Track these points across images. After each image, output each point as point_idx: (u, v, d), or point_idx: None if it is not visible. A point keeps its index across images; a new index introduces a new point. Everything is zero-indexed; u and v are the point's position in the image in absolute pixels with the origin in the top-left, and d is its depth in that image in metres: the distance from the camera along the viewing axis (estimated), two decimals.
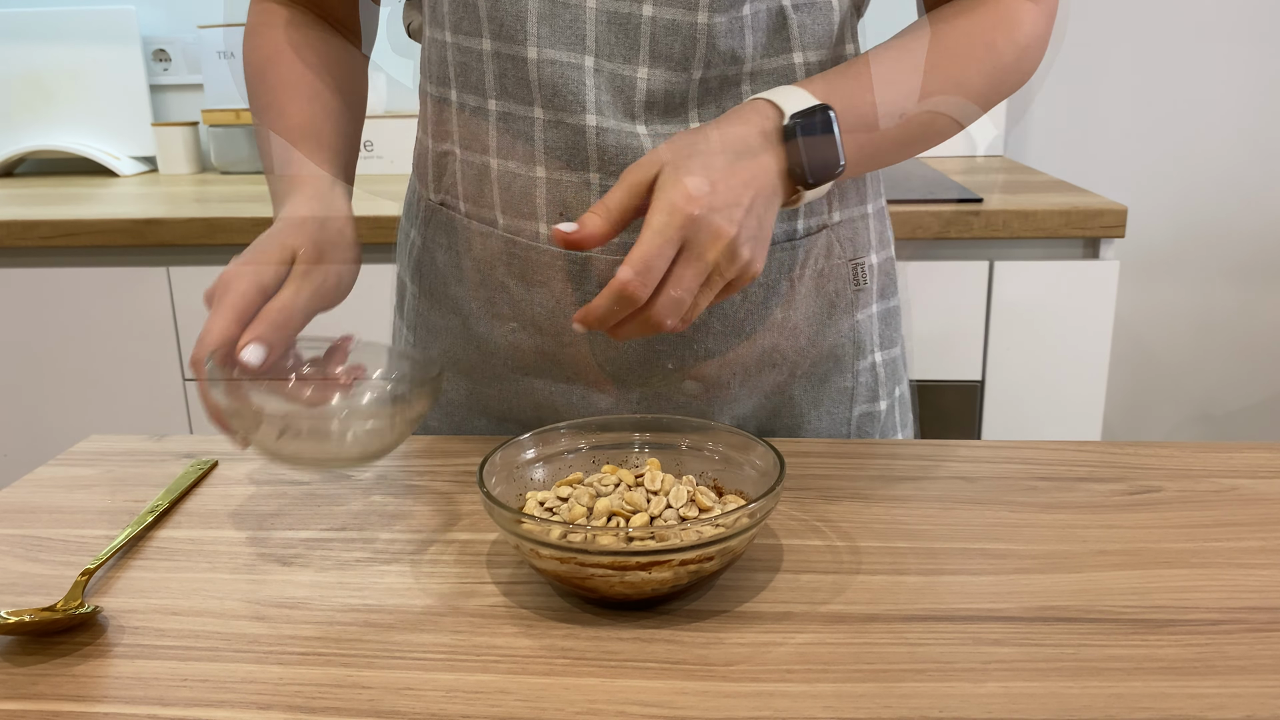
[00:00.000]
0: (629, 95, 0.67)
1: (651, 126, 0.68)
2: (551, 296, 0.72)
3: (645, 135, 0.68)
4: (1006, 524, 0.63)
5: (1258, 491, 0.67)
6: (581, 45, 0.66)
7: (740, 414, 0.77)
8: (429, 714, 0.46)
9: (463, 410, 0.80)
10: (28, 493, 0.70)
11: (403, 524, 0.64)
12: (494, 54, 0.68)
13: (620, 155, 0.68)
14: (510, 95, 0.69)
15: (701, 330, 0.73)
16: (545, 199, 0.70)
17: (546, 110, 0.68)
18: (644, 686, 0.48)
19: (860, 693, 0.47)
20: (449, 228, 0.76)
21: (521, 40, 0.67)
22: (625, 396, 0.76)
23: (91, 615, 0.53)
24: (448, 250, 0.76)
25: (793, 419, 0.79)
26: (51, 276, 1.58)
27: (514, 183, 0.70)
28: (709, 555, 0.52)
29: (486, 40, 0.68)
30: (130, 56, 2.01)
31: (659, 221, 0.56)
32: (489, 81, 0.69)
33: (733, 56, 0.68)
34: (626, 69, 0.67)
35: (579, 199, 0.69)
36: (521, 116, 0.69)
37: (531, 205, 0.70)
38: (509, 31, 0.67)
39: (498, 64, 0.68)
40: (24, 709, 0.47)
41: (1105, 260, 1.51)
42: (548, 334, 0.74)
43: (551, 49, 0.66)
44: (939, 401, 1.58)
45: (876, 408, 0.82)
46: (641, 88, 0.67)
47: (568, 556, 0.51)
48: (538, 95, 0.67)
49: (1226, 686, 0.47)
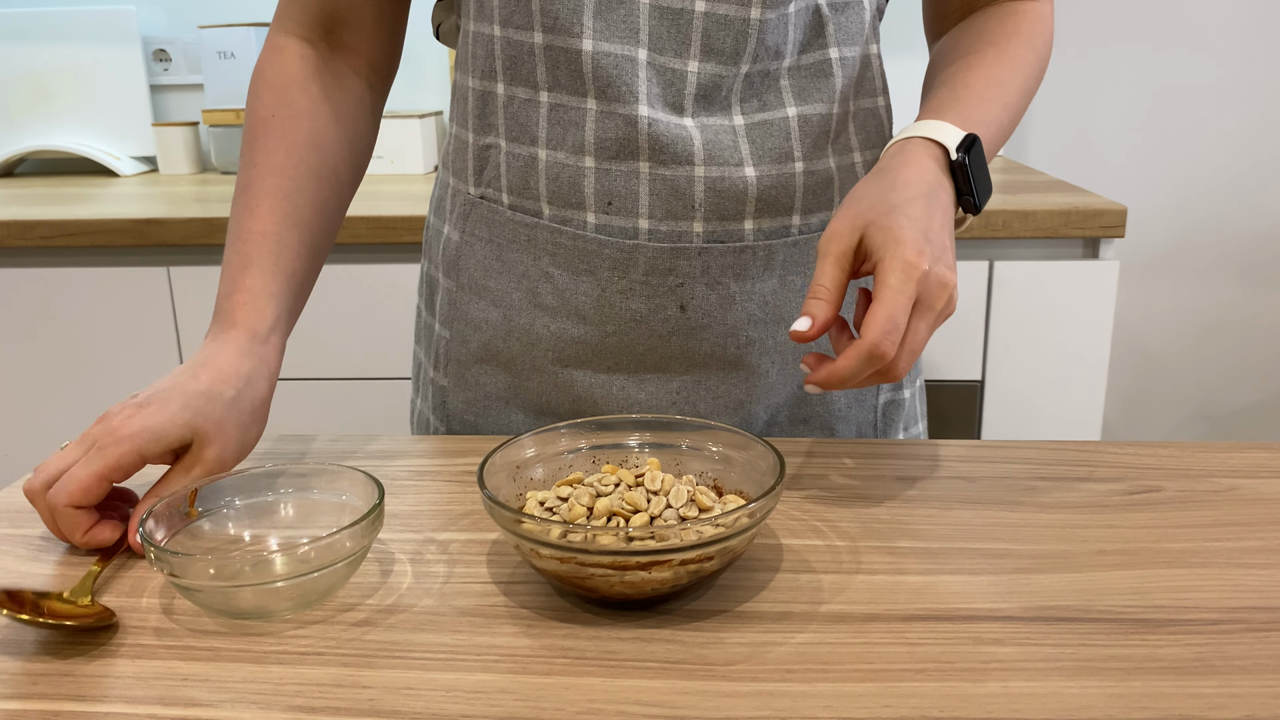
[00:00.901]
0: (679, 88, 0.69)
1: (698, 119, 0.70)
2: (597, 285, 0.74)
3: (692, 126, 0.70)
4: (1006, 524, 0.63)
5: (1258, 491, 0.67)
6: (635, 38, 0.68)
7: (775, 402, 0.79)
8: (429, 714, 0.46)
9: (499, 404, 0.80)
10: None
11: (403, 524, 0.64)
12: (545, 47, 0.69)
13: (671, 145, 0.70)
14: (563, 87, 0.70)
15: (744, 319, 0.75)
16: (593, 189, 0.71)
17: (599, 101, 0.69)
18: (644, 686, 0.48)
19: (860, 693, 0.47)
20: (490, 221, 0.77)
21: (576, 33, 0.68)
22: (665, 387, 0.77)
23: (110, 620, 0.53)
24: (488, 243, 0.77)
25: (824, 406, 0.81)
26: (51, 276, 1.58)
27: (562, 173, 0.72)
28: (709, 555, 0.52)
29: (538, 34, 0.69)
30: (130, 56, 2.01)
31: (897, 281, 0.58)
32: (541, 74, 0.71)
33: (776, 51, 0.70)
34: (677, 62, 0.69)
35: (628, 188, 0.71)
36: (574, 108, 0.70)
37: (579, 195, 0.72)
38: (563, 25, 0.68)
39: (549, 56, 0.70)
40: (24, 709, 0.47)
41: (1105, 260, 1.51)
42: (592, 323, 0.75)
43: (605, 42, 0.68)
44: (939, 401, 1.58)
45: (901, 395, 0.85)
46: (691, 80, 0.69)
47: (568, 556, 0.51)
48: (591, 87, 0.69)
49: (1226, 686, 0.47)
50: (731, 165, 0.70)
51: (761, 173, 0.71)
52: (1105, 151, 2.00)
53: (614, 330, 0.75)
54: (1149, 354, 2.08)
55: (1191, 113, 1.97)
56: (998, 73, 0.72)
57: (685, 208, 0.71)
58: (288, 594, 0.53)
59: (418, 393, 0.88)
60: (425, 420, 0.86)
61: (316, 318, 1.57)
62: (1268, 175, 1.99)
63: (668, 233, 0.72)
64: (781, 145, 0.72)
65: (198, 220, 1.52)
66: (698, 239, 0.72)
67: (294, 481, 0.61)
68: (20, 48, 2.01)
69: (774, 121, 0.72)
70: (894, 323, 0.57)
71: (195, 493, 0.59)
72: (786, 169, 0.72)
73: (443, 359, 0.82)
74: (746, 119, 0.71)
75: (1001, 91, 0.72)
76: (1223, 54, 1.94)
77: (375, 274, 1.56)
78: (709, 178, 0.70)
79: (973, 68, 0.73)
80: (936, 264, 0.59)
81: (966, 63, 0.73)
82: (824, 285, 0.60)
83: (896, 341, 0.57)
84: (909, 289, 0.58)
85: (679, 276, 0.73)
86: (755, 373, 0.77)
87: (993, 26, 0.76)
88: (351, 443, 0.78)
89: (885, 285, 0.58)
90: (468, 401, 0.81)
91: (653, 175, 0.70)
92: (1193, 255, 2.03)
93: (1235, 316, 2.06)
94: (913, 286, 0.58)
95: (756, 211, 0.72)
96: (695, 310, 0.74)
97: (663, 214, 0.71)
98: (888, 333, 0.57)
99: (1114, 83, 1.96)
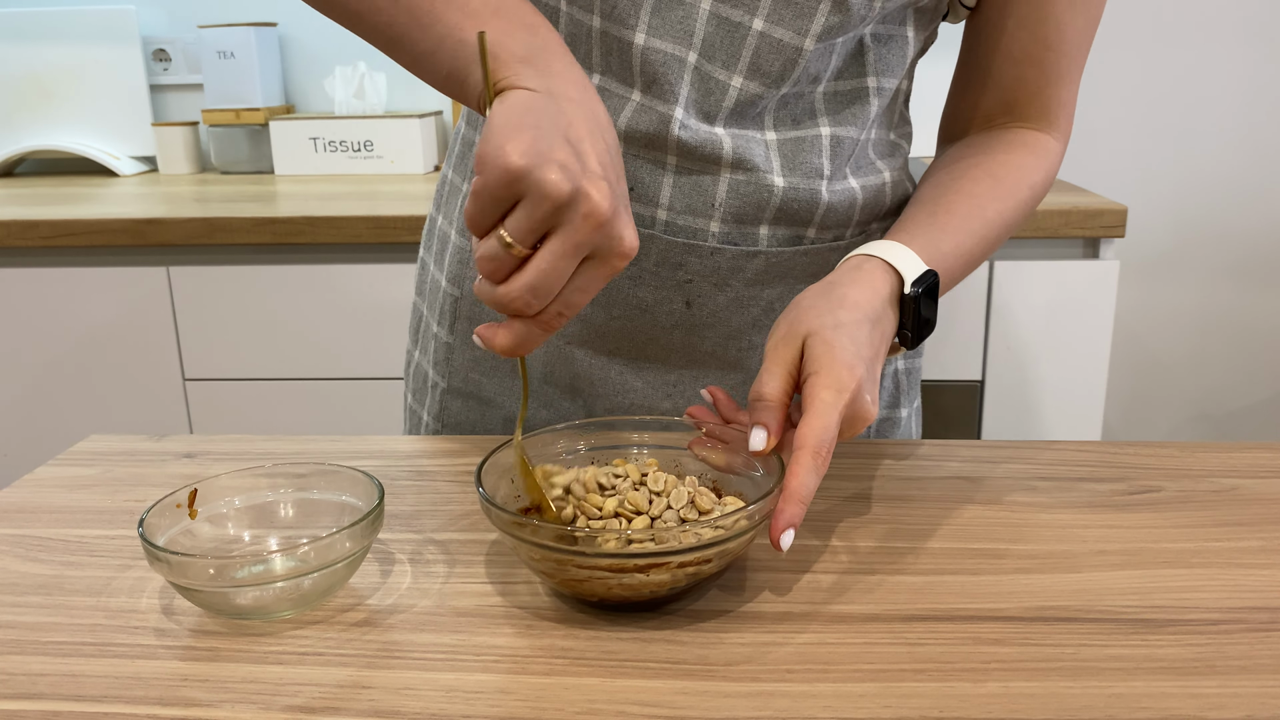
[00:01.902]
0: (717, 98, 0.69)
1: (730, 129, 0.70)
2: None
3: (724, 135, 0.70)
4: (1006, 524, 0.63)
5: (1258, 491, 0.67)
6: (689, 41, 0.68)
7: None
8: (429, 714, 0.46)
9: (507, 365, 0.80)
10: (28, 493, 0.70)
11: (403, 524, 0.64)
12: (602, 32, 0.69)
13: (700, 149, 0.69)
14: (614, 74, 0.70)
15: (748, 322, 0.75)
16: None
17: (644, 95, 0.69)
18: (644, 686, 0.48)
19: (860, 693, 0.47)
20: None
21: (631, 25, 0.68)
22: (663, 378, 0.77)
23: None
24: None
25: None
26: (51, 276, 1.58)
27: None
28: (707, 558, 0.52)
29: (597, 18, 0.69)
30: (130, 56, 2.01)
31: (830, 397, 0.57)
32: (596, 56, 0.70)
33: (814, 77, 0.70)
34: (723, 73, 0.68)
35: (652, 177, 0.71)
36: (619, 95, 0.70)
37: None
38: (620, 14, 0.68)
39: (604, 42, 0.69)
40: (24, 709, 0.47)
41: (1105, 260, 1.51)
42: (598, 304, 0.75)
43: (658, 39, 0.68)
44: (939, 401, 1.58)
45: (897, 414, 0.85)
46: (732, 95, 0.69)
47: (565, 560, 0.51)
48: (638, 80, 0.69)
49: (1226, 686, 0.47)
50: (761, 171, 0.70)
51: (789, 184, 0.71)
52: (1105, 151, 1.99)
53: (619, 315, 0.75)
54: (1149, 354, 2.08)
55: (1191, 113, 1.97)
56: (984, 204, 0.71)
57: (705, 205, 0.71)
58: (288, 594, 0.53)
59: (416, 345, 0.88)
60: (423, 373, 0.86)
61: (316, 318, 1.57)
62: (1267, 175, 1.99)
63: (684, 227, 0.72)
64: (813, 161, 0.71)
65: (197, 220, 1.52)
66: (713, 238, 0.72)
67: (294, 481, 0.61)
68: (20, 48, 2.01)
69: (807, 139, 0.71)
70: (829, 433, 0.56)
71: (195, 493, 0.59)
72: (814, 184, 0.72)
73: (448, 315, 0.82)
74: (779, 134, 0.71)
75: (981, 224, 0.71)
76: (1223, 54, 1.94)
77: (375, 274, 1.56)
78: (734, 180, 0.70)
79: (961, 192, 0.72)
80: (864, 393, 0.58)
81: (958, 186, 0.72)
82: (771, 393, 0.59)
83: (830, 451, 0.56)
84: (840, 407, 0.57)
85: (688, 273, 0.73)
86: (754, 376, 0.77)
87: (998, 152, 0.75)
88: (351, 443, 0.78)
89: (819, 400, 0.57)
90: (473, 360, 0.81)
91: (679, 168, 0.71)
92: (1193, 255, 2.03)
93: (1235, 316, 2.06)
94: (843, 408, 0.57)
95: (774, 219, 0.72)
96: (700, 308, 0.74)
97: (682, 207, 0.71)
98: (824, 442, 0.56)
99: (1114, 83, 1.96)
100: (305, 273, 1.55)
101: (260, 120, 1.94)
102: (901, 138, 0.79)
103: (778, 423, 0.58)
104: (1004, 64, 0.76)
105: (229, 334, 1.59)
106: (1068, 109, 0.77)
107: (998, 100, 0.77)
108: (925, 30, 0.74)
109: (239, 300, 1.57)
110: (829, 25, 0.66)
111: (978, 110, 0.78)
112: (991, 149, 0.76)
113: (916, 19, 0.72)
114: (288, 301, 1.57)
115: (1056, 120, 0.77)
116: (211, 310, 1.58)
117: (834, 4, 0.66)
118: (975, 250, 0.71)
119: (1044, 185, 0.76)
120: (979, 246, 0.71)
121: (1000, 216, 0.72)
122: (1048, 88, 0.75)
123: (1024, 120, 0.77)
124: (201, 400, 1.62)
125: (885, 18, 0.70)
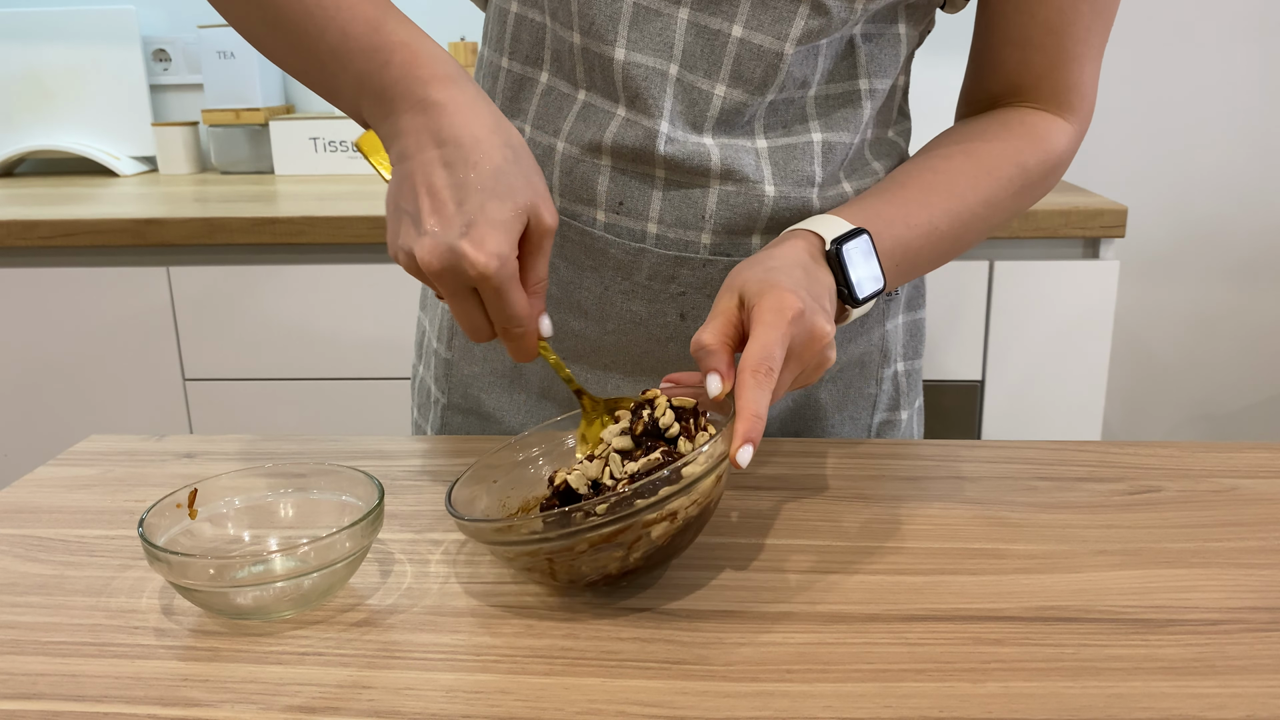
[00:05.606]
0: (702, 108, 0.69)
1: (718, 139, 0.70)
2: (600, 283, 0.73)
3: (712, 145, 0.69)
4: (1006, 524, 0.63)
5: (1258, 491, 0.67)
6: (668, 53, 0.68)
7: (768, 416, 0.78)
8: (429, 714, 0.46)
9: (505, 381, 0.80)
10: (28, 493, 0.70)
11: (403, 524, 0.64)
12: (583, 49, 0.69)
13: (687, 161, 0.69)
14: (598, 89, 0.70)
15: None
16: (606, 187, 0.71)
17: (628, 110, 0.69)
18: (644, 686, 0.48)
19: (860, 693, 0.47)
20: None
21: (610, 40, 0.68)
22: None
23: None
24: None
25: (817, 421, 0.81)
26: (51, 276, 1.58)
27: (576, 168, 0.72)
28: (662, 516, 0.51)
29: (577, 34, 0.69)
30: (130, 56, 2.01)
31: (771, 318, 0.56)
32: (579, 73, 0.70)
33: (803, 81, 0.69)
34: (705, 83, 0.68)
35: (641, 193, 0.71)
36: (604, 111, 0.70)
37: (592, 191, 0.72)
38: (599, 30, 0.68)
39: (586, 59, 0.69)
40: (24, 709, 0.47)
41: (1105, 260, 1.52)
42: (592, 319, 0.75)
43: (639, 53, 0.68)
44: (939, 401, 1.58)
45: (897, 416, 0.84)
46: (716, 104, 0.69)
47: (556, 547, 0.51)
48: (621, 95, 0.69)
49: (1226, 686, 0.47)
50: (751, 182, 0.70)
51: (780, 192, 0.71)
52: (1105, 151, 1.99)
53: (613, 329, 0.75)
54: (1149, 354, 2.08)
55: (1191, 113, 1.97)
56: (953, 179, 0.70)
57: (695, 218, 0.71)
58: (288, 594, 0.53)
59: (420, 359, 0.88)
60: (426, 387, 0.86)
61: (316, 318, 1.57)
62: (1267, 175, 1.99)
63: (675, 240, 0.71)
64: (804, 169, 0.71)
65: (197, 220, 1.52)
66: (704, 250, 0.72)
67: (294, 481, 0.61)
68: (20, 48, 2.01)
69: (798, 145, 0.71)
70: (768, 349, 0.55)
71: (195, 493, 0.59)
72: (806, 192, 0.71)
73: (446, 331, 0.82)
74: (770, 142, 0.71)
75: (947, 197, 0.69)
76: (1222, 54, 1.94)
77: (375, 274, 1.56)
78: (725, 191, 0.70)
79: (928, 169, 0.70)
80: (814, 313, 0.57)
81: (928, 164, 0.71)
82: (711, 338, 0.57)
83: (775, 368, 0.55)
84: (782, 326, 0.56)
85: (681, 285, 0.73)
86: None
87: (985, 132, 0.73)
88: (351, 443, 0.78)
89: (758, 323, 0.56)
90: (473, 376, 0.81)
91: (667, 179, 0.70)
92: (1193, 255, 2.03)
93: (1235, 316, 2.06)
94: (786, 325, 0.56)
95: (767, 229, 0.72)
96: (695, 320, 0.74)
97: (672, 220, 0.71)
98: (763, 360, 0.54)
99: (1114, 83, 1.96)
100: (305, 273, 1.55)
101: (260, 120, 1.94)
102: (899, 135, 0.78)
103: (726, 365, 0.57)
104: (1007, 47, 0.74)
105: (229, 334, 1.59)
106: (1080, 90, 0.75)
107: (1005, 83, 0.76)
108: (919, 25, 0.73)
109: (239, 300, 1.57)
110: (808, 29, 0.66)
111: (987, 93, 0.77)
112: (980, 130, 0.74)
113: (909, 14, 0.72)
114: (288, 301, 1.57)
115: (1069, 102, 0.75)
116: (211, 310, 1.58)
117: (812, 8, 0.65)
118: (940, 224, 0.69)
119: (1041, 166, 0.73)
120: (945, 220, 0.69)
121: (975, 193, 0.70)
122: (1054, 70, 0.74)
123: (1034, 101, 0.75)
124: (201, 400, 1.62)
125: (873, 17, 0.70)
